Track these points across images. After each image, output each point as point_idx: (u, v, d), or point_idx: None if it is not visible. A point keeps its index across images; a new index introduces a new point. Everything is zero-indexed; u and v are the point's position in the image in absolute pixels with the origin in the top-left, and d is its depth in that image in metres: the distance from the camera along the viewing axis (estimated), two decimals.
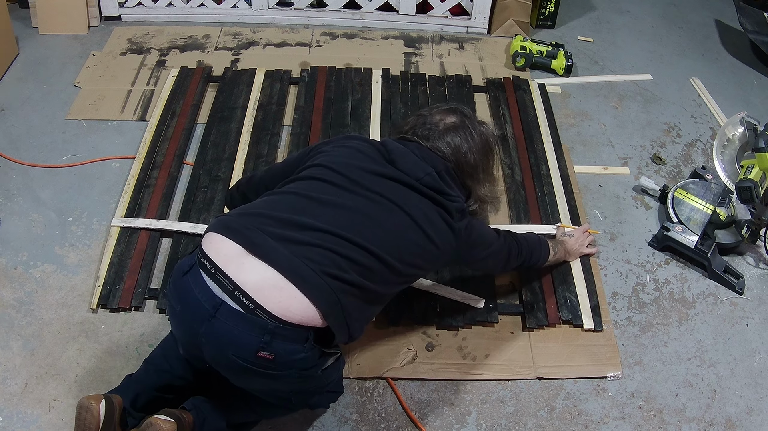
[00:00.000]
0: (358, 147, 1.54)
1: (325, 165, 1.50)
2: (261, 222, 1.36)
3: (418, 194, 1.48)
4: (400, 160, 1.50)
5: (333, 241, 1.35)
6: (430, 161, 1.52)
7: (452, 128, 1.58)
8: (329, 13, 3.15)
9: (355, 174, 1.47)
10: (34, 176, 2.33)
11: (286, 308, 1.27)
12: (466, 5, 3.14)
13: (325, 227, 1.36)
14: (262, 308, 1.26)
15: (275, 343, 1.28)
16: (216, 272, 1.29)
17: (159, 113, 2.54)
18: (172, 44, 2.97)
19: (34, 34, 2.98)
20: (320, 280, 1.30)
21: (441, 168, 1.52)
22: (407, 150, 1.53)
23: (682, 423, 1.78)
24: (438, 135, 1.57)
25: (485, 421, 1.74)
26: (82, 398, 1.45)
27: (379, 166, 1.50)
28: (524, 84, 2.81)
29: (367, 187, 1.45)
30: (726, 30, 3.41)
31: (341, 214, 1.40)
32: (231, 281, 1.28)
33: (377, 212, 1.42)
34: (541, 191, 2.32)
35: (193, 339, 1.34)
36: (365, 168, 1.48)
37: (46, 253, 2.08)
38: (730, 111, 2.78)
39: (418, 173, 1.48)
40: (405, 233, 1.44)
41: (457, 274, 2.03)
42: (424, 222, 1.45)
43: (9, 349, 1.82)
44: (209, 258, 1.31)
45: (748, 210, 2.19)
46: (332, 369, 1.46)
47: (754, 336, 2.00)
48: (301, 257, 1.31)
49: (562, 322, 1.96)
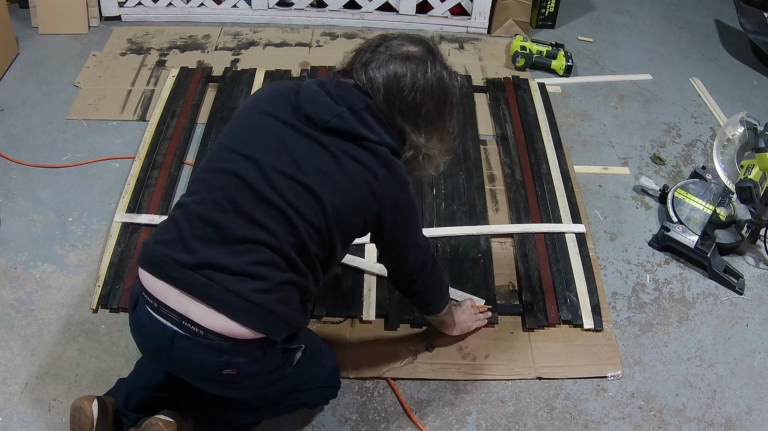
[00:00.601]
0: (256, 117, 1.37)
1: (213, 160, 1.36)
2: (175, 249, 1.28)
3: (325, 142, 1.31)
4: (307, 104, 1.33)
5: (250, 248, 1.27)
6: (346, 99, 1.33)
7: (401, 57, 1.34)
8: (329, 13, 3.15)
9: (249, 150, 1.32)
10: (34, 176, 2.33)
11: (232, 330, 1.26)
12: (466, 5, 3.14)
13: (235, 232, 1.27)
14: (212, 332, 1.25)
15: (234, 360, 1.28)
16: (159, 307, 1.28)
17: (159, 113, 2.54)
18: (172, 44, 2.96)
19: (34, 34, 2.98)
20: (244, 303, 1.25)
21: (359, 107, 1.33)
22: (319, 91, 1.34)
23: (682, 423, 1.78)
24: (376, 65, 1.34)
25: (485, 421, 1.74)
26: (75, 400, 1.47)
27: (282, 123, 1.34)
28: (524, 84, 2.81)
29: (263, 164, 1.30)
30: (726, 30, 3.41)
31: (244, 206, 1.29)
32: (176, 312, 1.26)
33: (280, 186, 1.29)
34: (542, 190, 2.32)
35: (162, 366, 1.37)
36: (263, 134, 1.34)
37: (46, 253, 2.08)
38: (730, 111, 2.78)
39: (325, 116, 1.31)
40: (314, 194, 1.30)
41: (458, 274, 2.03)
42: (333, 174, 1.30)
43: (9, 349, 1.82)
44: (149, 293, 1.29)
45: (748, 210, 2.19)
46: (307, 363, 1.43)
47: (754, 336, 2.00)
48: (219, 282, 1.25)
49: (562, 322, 1.96)
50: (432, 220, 2.19)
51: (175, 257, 1.27)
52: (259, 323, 1.26)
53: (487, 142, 2.54)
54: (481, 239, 2.14)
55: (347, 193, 1.31)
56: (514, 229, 2.19)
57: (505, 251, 2.15)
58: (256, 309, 1.26)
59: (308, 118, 1.33)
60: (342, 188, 1.31)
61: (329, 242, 1.34)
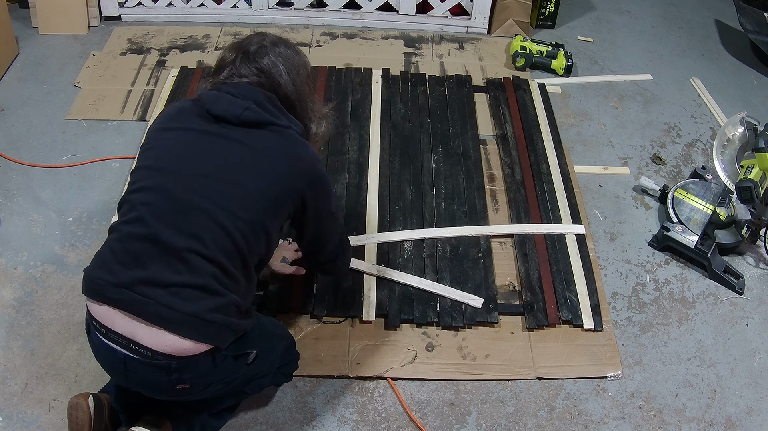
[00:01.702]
0: (167, 135, 1.43)
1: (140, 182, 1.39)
2: (111, 271, 1.31)
3: (239, 136, 1.38)
4: (215, 105, 1.40)
5: (181, 258, 1.30)
6: (247, 95, 1.42)
7: (272, 49, 1.47)
8: (329, 13, 3.15)
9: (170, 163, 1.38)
10: (34, 176, 2.33)
11: (177, 347, 1.28)
12: (466, 5, 3.14)
13: (165, 245, 1.30)
14: (159, 353, 1.28)
15: (185, 376, 1.32)
16: (108, 332, 1.31)
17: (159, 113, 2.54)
18: (172, 44, 2.96)
19: (34, 34, 2.98)
20: (178, 315, 1.27)
21: (261, 99, 1.42)
22: (220, 93, 1.42)
23: (682, 423, 1.78)
24: (261, 61, 1.46)
25: (485, 421, 1.74)
26: (71, 398, 1.49)
27: (192, 131, 1.40)
28: (524, 84, 2.81)
29: (186, 172, 1.36)
30: (726, 30, 3.41)
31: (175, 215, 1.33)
32: (123, 337, 1.29)
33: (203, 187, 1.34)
34: (542, 190, 2.32)
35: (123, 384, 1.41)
36: (186, 148, 1.39)
37: (46, 253, 2.08)
38: (730, 111, 2.78)
39: (236, 111, 1.38)
40: (240, 186, 1.35)
41: (458, 274, 2.03)
42: (253, 163, 1.37)
43: (9, 349, 1.82)
44: (97, 320, 1.32)
45: (748, 210, 2.19)
46: (262, 358, 1.48)
47: (754, 336, 2.00)
48: (154, 298, 1.27)
49: (562, 322, 1.96)
50: (432, 220, 2.19)
51: (110, 279, 1.30)
52: (198, 334, 1.29)
53: (487, 142, 2.54)
54: (481, 239, 2.15)
55: (270, 176, 1.38)
56: (514, 229, 2.19)
57: (505, 251, 2.15)
58: (192, 320, 1.28)
59: (219, 117, 1.40)
60: (264, 173, 1.38)
61: (262, 231, 1.39)
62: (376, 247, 2.09)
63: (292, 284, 1.96)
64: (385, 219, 2.18)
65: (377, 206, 2.22)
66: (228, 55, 1.50)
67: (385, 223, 2.17)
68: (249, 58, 1.47)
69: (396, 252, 2.09)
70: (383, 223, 2.17)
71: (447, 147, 2.46)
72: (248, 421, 1.69)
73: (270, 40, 1.50)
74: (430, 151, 2.44)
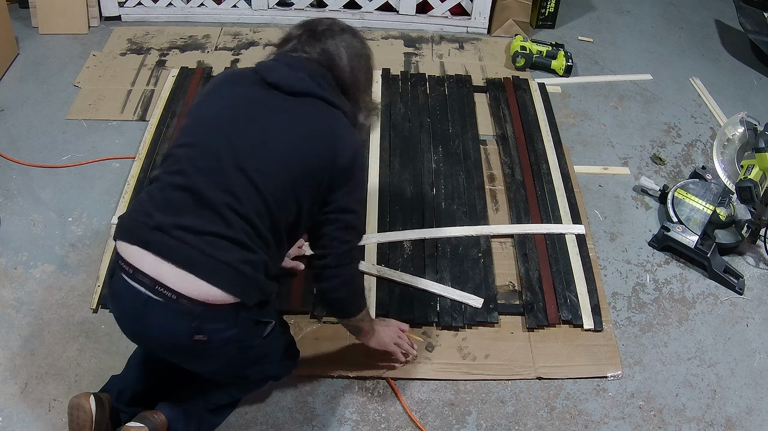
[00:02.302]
0: (225, 91, 1.47)
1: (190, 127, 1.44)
2: (148, 214, 1.34)
3: (290, 106, 1.41)
4: (270, 73, 1.44)
5: (218, 212, 1.32)
6: (304, 69, 1.45)
7: (338, 34, 1.52)
8: (329, 13, 3.15)
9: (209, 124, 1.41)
10: (34, 176, 2.33)
11: (205, 293, 1.29)
12: (466, 5, 3.14)
13: (205, 198, 1.33)
14: (185, 297, 1.29)
15: (206, 326, 1.32)
16: (134, 273, 1.31)
17: (159, 113, 2.54)
18: (172, 44, 2.96)
19: (34, 34, 2.98)
20: (214, 262, 1.30)
21: (317, 73, 1.45)
22: (278, 64, 1.47)
23: (682, 423, 1.78)
24: (324, 42, 1.50)
25: (485, 421, 1.74)
26: (71, 398, 1.48)
27: (248, 94, 1.43)
28: (524, 84, 2.81)
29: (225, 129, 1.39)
30: (726, 30, 3.41)
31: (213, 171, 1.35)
32: (149, 278, 1.30)
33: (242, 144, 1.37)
34: (542, 190, 2.32)
35: (135, 336, 1.42)
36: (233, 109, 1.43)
37: (46, 253, 2.08)
38: (730, 111, 2.78)
39: (289, 80, 1.42)
40: (281, 156, 1.37)
41: (458, 274, 2.03)
42: (300, 134, 1.39)
43: (9, 349, 1.82)
44: (125, 260, 1.33)
45: (748, 210, 2.19)
46: (274, 336, 1.49)
47: (754, 336, 2.01)
48: (190, 243, 1.30)
49: (562, 322, 1.96)
50: (432, 220, 2.19)
51: (147, 221, 1.33)
52: (227, 283, 1.30)
53: (487, 142, 2.54)
54: (481, 239, 2.15)
55: (310, 148, 1.39)
56: (514, 229, 2.19)
57: (505, 251, 2.15)
58: (223, 268, 1.30)
59: (272, 85, 1.42)
60: (305, 144, 1.39)
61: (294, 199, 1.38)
62: (376, 247, 2.09)
63: (292, 284, 1.96)
64: (385, 219, 2.18)
65: (377, 205, 2.22)
66: (294, 31, 1.54)
67: (385, 223, 2.17)
68: (315, 37, 1.50)
69: (396, 252, 2.09)
70: (383, 223, 2.17)
71: (447, 147, 2.46)
72: (248, 421, 1.69)
73: (339, 26, 1.54)
74: (430, 151, 2.44)
